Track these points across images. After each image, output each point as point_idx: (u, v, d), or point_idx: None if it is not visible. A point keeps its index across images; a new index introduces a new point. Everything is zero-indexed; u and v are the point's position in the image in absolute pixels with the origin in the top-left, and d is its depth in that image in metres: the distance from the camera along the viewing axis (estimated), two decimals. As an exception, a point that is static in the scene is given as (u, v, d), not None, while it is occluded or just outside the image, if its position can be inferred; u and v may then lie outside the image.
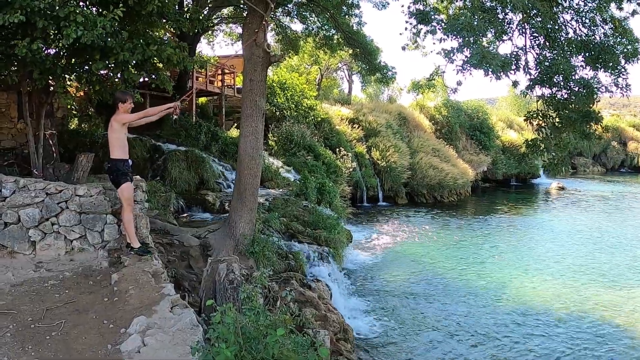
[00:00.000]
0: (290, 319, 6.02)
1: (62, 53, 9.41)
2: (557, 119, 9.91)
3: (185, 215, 13.82)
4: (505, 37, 9.42)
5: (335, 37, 16.67)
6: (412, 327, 11.16)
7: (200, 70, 21.27)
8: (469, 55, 8.33)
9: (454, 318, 11.71)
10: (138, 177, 10.83)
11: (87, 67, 9.82)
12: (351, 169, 24.31)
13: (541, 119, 10.18)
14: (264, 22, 10.31)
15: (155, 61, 9.64)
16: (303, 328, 7.69)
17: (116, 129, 6.91)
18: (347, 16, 15.69)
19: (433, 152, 31.67)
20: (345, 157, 24.19)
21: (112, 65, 9.48)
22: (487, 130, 38.35)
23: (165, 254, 9.31)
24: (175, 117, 7.64)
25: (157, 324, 4.83)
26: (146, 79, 11.73)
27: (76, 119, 16.44)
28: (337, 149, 24.67)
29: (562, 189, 36.17)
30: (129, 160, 7.10)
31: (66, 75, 10.23)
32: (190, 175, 15.62)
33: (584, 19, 9.58)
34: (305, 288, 10.35)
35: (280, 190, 16.93)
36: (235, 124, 21.39)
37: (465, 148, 36.74)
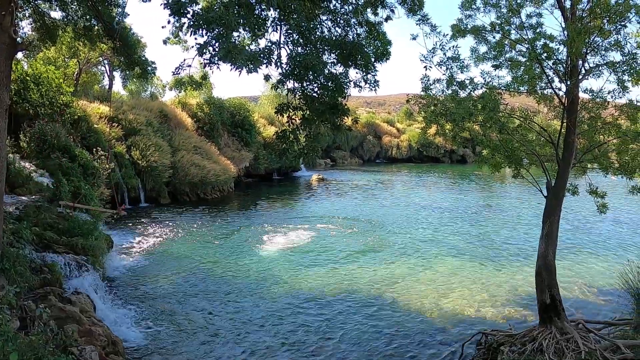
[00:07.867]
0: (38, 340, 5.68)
1: None
2: (307, 112, 10.82)
3: None
4: (259, 33, 9.84)
5: (96, 27, 15.56)
6: (184, 329, 11.36)
7: None
8: (217, 49, 8.47)
9: (223, 314, 12.26)
10: None
11: None
12: (109, 170, 23.17)
13: (291, 111, 10.96)
14: (12, 4, 9.30)
15: None
16: (66, 347, 7.32)
17: None
18: (109, 5, 14.72)
19: (195, 149, 32.10)
20: (103, 157, 22.93)
21: None
22: (249, 127, 40.02)
23: None
24: None
25: None
26: None
27: None
28: (95, 149, 23.24)
29: (322, 180, 39.92)
30: None
31: None
32: None
33: (338, 20, 10.64)
34: (65, 303, 9.74)
35: (33, 196, 15.44)
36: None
37: (227, 145, 37.82)
